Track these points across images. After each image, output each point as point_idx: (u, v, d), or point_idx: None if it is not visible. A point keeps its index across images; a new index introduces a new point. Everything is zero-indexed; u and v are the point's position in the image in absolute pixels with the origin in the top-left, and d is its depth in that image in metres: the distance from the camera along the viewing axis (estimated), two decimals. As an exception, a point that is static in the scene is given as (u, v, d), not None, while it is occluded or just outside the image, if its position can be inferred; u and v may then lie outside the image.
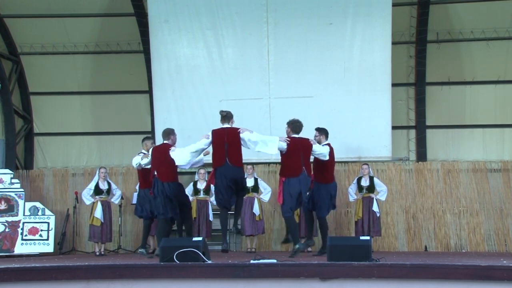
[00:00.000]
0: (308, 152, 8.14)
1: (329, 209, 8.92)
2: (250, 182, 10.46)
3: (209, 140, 7.94)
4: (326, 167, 8.71)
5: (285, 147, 7.90)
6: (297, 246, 7.88)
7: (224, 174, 7.75)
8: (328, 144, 8.80)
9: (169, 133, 8.47)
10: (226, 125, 8.03)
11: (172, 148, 8.19)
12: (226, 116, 8.06)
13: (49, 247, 10.65)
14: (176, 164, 8.07)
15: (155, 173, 8.19)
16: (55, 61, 12.90)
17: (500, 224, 11.51)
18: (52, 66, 12.92)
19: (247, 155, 8.54)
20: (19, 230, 10.58)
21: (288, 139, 7.98)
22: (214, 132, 7.98)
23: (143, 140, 9.74)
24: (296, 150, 7.95)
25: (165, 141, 8.42)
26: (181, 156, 8.00)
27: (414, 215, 11.63)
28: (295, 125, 8.18)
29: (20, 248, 10.53)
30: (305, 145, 8.10)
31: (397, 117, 12.03)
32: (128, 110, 12.95)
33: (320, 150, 8.36)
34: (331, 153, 8.66)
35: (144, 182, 9.11)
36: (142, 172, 9.16)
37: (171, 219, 8.22)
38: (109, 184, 10.54)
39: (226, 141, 7.82)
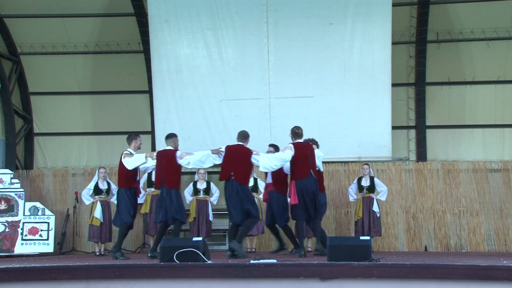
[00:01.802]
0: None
1: (286, 218, 8.90)
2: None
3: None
4: (284, 178, 8.86)
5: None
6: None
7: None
8: None
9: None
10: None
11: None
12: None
13: (49, 247, 10.64)
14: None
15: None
16: (55, 61, 12.90)
17: (500, 224, 11.51)
18: (52, 66, 12.93)
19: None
20: (19, 230, 10.58)
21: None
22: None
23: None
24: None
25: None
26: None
27: (414, 215, 11.63)
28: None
29: (20, 248, 10.52)
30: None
31: (397, 117, 12.03)
32: (128, 110, 12.95)
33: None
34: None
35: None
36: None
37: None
38: (108, 184, 10.53)
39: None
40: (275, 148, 9.05)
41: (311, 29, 11.49)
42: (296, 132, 8.36)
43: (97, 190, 10.35)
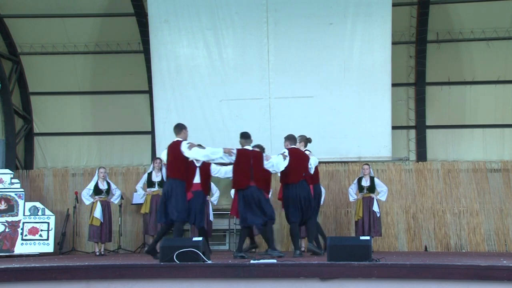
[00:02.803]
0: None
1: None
2: None
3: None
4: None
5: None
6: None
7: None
8: None
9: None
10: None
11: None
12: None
13: (49, 247, 10.64)
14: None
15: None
16: (55, 61, 12.90)
17: (500, 224, 11.51)
18: (52, 66, 12.93)
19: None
20: (19, 230, 10.57)
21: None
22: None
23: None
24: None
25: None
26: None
27: (414, 215, 11.63)
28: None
29: (20, 248, 10.52)
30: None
31: (397, 117, 12.03)
32: (128, 110, 12.94)
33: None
34: None
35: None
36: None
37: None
38: (108, 184, 10.53)
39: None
40: (260, 148, 9.05)
41: (311, 29, 11.49)
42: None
43: (97, 190, 10.34)
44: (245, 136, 8.14)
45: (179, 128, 8.05)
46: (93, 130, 13.08)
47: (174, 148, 7.86)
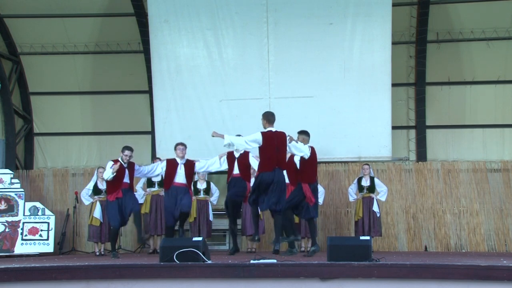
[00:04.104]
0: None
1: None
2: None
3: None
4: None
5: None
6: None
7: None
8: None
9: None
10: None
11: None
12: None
13: (49, 247, 10.64)
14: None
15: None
16: (55, 61, 12.90)
17: (500, 224, 11.51)
18: (52, 66, 12.93)
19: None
20: (19, 230, 10.57)
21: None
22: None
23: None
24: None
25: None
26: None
27: (414, 215, 11.63)
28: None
29: (20, 248, 10.52)
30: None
31: (397, 117, 12.03)
32: (128, 110, 12.95)
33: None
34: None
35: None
36: None
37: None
38: (108, 184, 10.51)
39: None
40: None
41: (311, 29, 11.49)
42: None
43: (96, 190, 10.33)
44: (268, 117, 7.95)
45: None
46: (93, 130, 13.08)
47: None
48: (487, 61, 12.18)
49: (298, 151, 7.97)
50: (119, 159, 8.80)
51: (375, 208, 10.27)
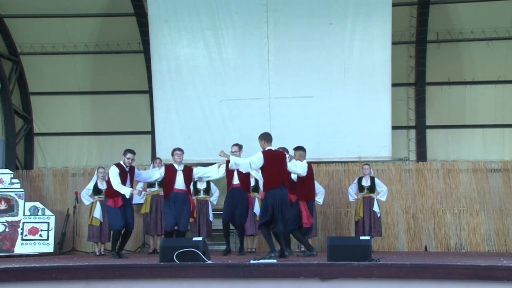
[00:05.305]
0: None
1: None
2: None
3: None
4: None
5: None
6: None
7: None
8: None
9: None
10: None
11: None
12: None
13: (49, 247, 10.64)
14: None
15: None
16: (55, 61, 12.90)
17: (500, 224, 11.51)
18: (52, 66, 12.93)
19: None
20: (19, 230, 10.57)
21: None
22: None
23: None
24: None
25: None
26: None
27: (414, 215, 11.63)
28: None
29: (20, 248, 10.52)
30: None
31: (397, 117, 12.03)
32: (128, 110, 12.95)
33: None
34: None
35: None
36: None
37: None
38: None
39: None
40: (239, 147, 9.05)
41: (311, 29, 11.49)
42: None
43: (96, 190, 10.33)
44: (265, 138, 7.86)
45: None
46: (93, 130, 13.08)
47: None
48: (487, 61, 12.18)
49: (299, 169, 8.07)
50: (121, 162, 8.76)
51: (376, 208, 10.27)
